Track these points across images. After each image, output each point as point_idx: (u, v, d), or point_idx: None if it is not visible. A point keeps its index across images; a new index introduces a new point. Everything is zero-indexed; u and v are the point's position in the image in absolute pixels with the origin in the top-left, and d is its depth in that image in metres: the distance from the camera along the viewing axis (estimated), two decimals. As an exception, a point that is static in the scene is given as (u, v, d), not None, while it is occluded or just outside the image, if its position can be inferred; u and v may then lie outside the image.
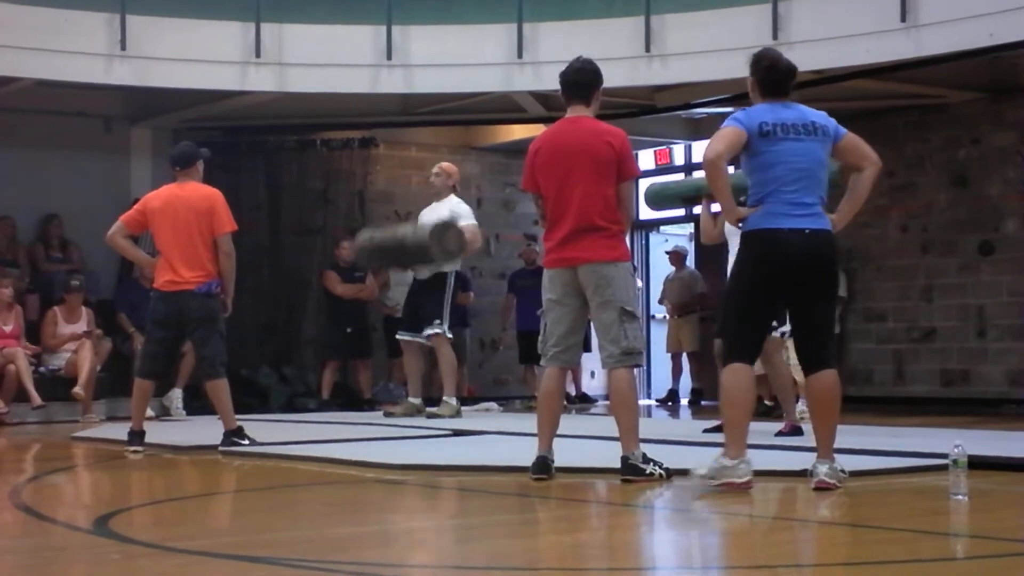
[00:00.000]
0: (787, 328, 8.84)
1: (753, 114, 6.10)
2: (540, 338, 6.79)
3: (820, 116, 6.21)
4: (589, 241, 6.52)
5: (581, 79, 6.76)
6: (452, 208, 11.18)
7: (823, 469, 6.07)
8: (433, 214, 11.22)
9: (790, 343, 10.57)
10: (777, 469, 6.80)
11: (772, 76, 6.21)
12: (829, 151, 6.15)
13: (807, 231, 5.98)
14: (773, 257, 6.00)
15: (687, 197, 10.00)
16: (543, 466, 6.53)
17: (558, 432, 6.68)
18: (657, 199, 10.14)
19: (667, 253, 16.13)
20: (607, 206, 6.54)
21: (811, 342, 6.16)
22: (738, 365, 6.06)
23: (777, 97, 6.19)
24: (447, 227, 10.80)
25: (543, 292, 6.76)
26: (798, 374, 11.12)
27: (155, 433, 9.02)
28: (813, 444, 7.89)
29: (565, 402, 7.30)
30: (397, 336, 11.62)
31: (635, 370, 6.71)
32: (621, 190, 6.61)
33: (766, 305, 6.17)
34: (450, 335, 11.42)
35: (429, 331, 11.20)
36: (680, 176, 16.95)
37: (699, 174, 16.47)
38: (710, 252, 9.43)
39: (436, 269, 11.11)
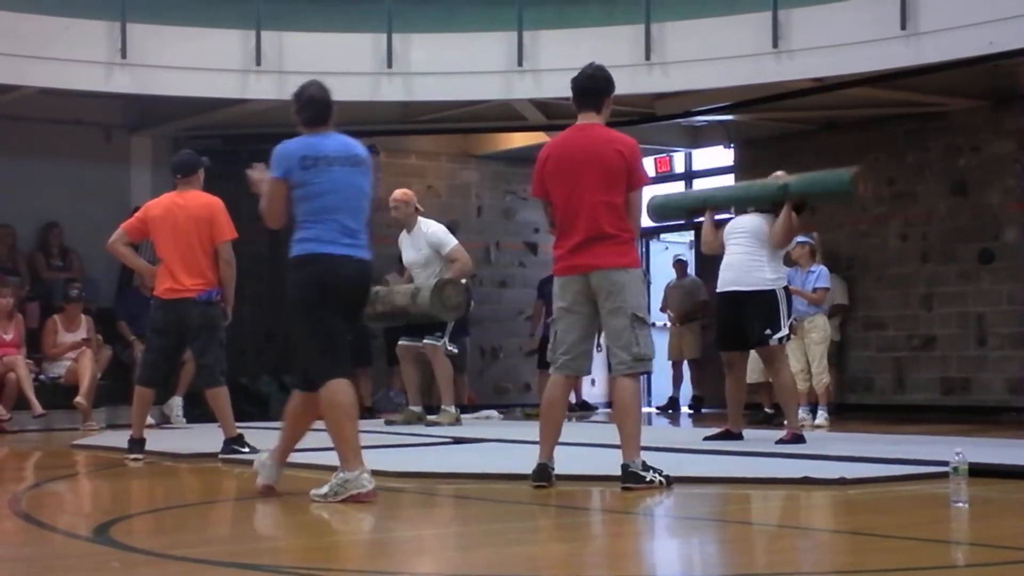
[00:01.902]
0: (783, 333, 8.87)
1: (291, 152, 6.31)
2: (550, 346, 6.79)
3: (362, 148, 6.44)
4: (600, 248, 6.51)
5: (592, 86, 6.72)
6: (428, 239, 11.19)
7: (366, 480, 6.08)
8: (412, 249, 11.26)
9: (790, 350, 10.61)
10: (777, 477, 6.80)
11: (311, 108, 6.43)
12: (371, 182, 6.40)
13: (354, 259, 6.21)
14: (326, 279, 6.16)
15: (691, 209, 9.98)
16: (543, 474, 6.52)
17: (558, 440, 6.68)
18: (661, 211, 10.08)
19: (675, 262, 16.08)
20: (617, 214, 6.53)
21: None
22: (339, 381, 6.10)
23: (317, 127, 6.38)
24: (443, 287, 10.85)
25: (554, 300, 6.76)
26: (799, 383, 11.19)
27: (155, 441, 9.02)
28: (815, 452, 7.94)
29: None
30: (399, 343, 11.62)
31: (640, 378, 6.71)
32: (631, 198, 6.60)
33: (333, 317, 6.19)
34: (455, 349, 11.44)
35: (428, 340, 11.20)
36: (681, 184, 16.98)
37: (699, 183, 16.51)
38: (711, 259, 9.42)
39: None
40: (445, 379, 11.29)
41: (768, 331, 8.74)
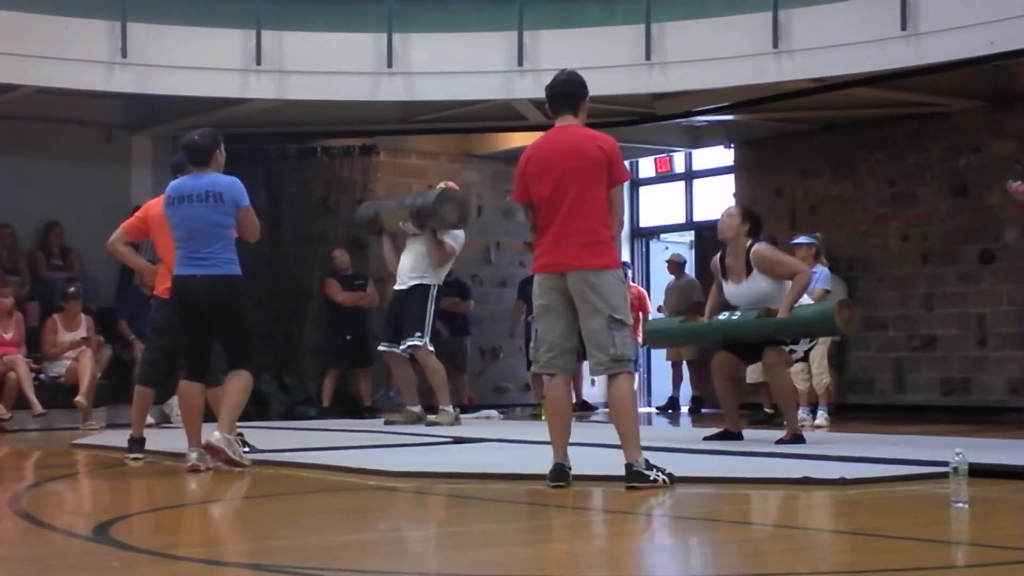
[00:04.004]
0: (797, 347, 8.90)
1: (166, 191, 7.74)
2: (531, 344, 6.79)
3: (226, 188, 7.57)
4: (578, 247, 6.52)
5: (568, 91, 6.81)
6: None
7: (193, 455, 7.62)
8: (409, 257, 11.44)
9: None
10: (777, 477, 6.80)
11: (187, 152, 7.70)
12: (230, 213, 7.57)
13: (200, 276, 7.55)
14: (181, 297, 7.66)
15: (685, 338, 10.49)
16: (561, 473, 6.51)
17: (569, 438, 6.67)
18: (654, 337, 10.73)
19: (666, 262, 16.12)
20: (599, 210, 6.55)
21: (225, 349, 7.75)
22: (183, 383, 7.80)
23: (196, 168, 7.66)
24: (447, 198, 11.24)
25: (533, 298, 6.76)
26: (799, 383, 11.19)
27: (155, 440, 9.02)
28: (815, 452, 7.94)
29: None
30: (379, 348, 11.61)
31: (635, 377, 6.70)
32: (612, 195, 6.64)
33: (192, 331, 7.71)
34: (431, 348, 11.32)
35: (409, 342, 11.15)
36: (681, 184, 16.99)
37: (699, 183, 16.49)
38: (709, 260, 9.39)
39: (419, 280, 11.20)
40: (436, 379, 11.26)
41: (788, 341, 8.79)
